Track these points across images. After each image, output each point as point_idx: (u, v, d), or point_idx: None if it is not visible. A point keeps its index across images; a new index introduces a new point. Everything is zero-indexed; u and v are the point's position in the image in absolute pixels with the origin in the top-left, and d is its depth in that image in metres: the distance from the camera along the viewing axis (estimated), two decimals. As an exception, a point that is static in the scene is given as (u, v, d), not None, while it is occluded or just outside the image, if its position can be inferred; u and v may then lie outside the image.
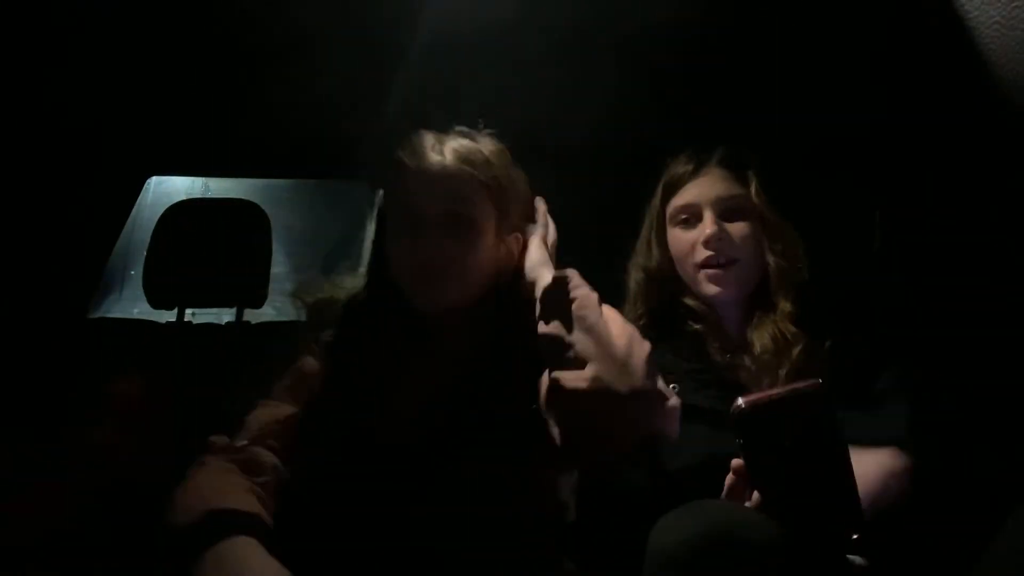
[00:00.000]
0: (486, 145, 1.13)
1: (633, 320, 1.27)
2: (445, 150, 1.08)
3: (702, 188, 1.25)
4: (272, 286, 1.76)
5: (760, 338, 1.16)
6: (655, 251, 1.31)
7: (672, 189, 1.30)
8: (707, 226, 1.22)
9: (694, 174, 1.27)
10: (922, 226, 1.47)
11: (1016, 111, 0.94)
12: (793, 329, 1.15)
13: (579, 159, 1.92)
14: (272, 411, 1.10)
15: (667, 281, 1.29)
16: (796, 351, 1.13)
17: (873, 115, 1.49)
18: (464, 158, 1.08)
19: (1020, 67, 0.88)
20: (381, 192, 1.24)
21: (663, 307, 1.28)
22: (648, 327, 1.26)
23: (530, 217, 1.17)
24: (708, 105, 1.64)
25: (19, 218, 1.58)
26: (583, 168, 1.98)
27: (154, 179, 2.28)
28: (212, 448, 1.05)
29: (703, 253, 1.22)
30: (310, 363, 1.15)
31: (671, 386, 1.15)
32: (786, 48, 1.42)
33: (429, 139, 1.11)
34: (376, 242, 1.23)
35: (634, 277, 1.33)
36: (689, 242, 1.25)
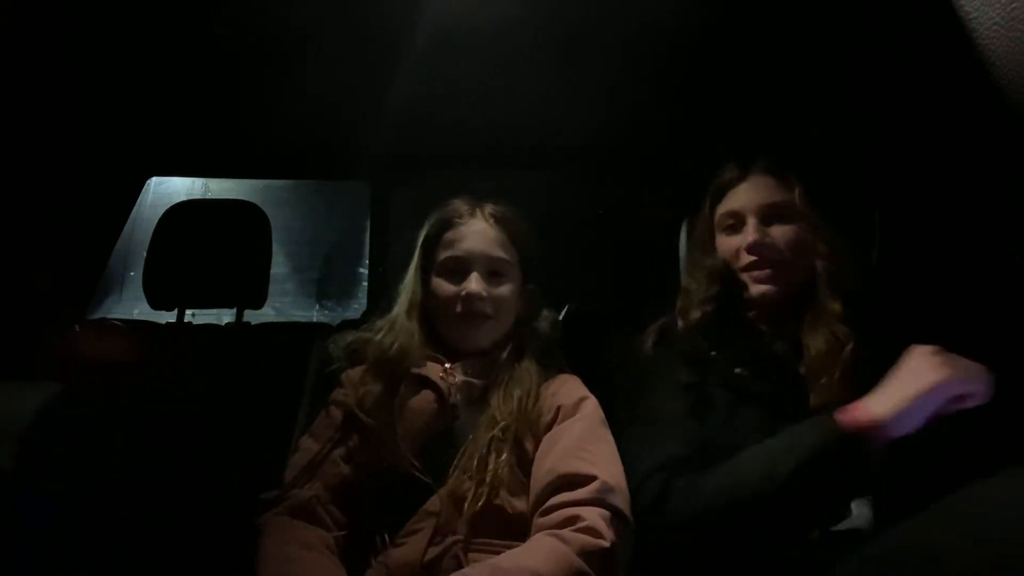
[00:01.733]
0: (508, 210, 1.36)
1: (698, 306, 1.29)
2: (485, 211, 1.34)
3: (746, 194, 1.28)
4: (272, 287, 1.76)
5: (814, 342, 1.19)
6: (708, 254, 1.34)
7: (719, 195, 1.33)
8: (750, 233, 1.25)
9: (739, 180, 1.30)
10: (922, 228, 1.47)
11: (1015, 112, 0.94)
12: (845, 329, 1.17)
13: (577, 159, 1.93)
14: (307, 453, 1.20)
15: (725, 279, 1.31)
16: (848, 351, 1.15)
17: (872, 116, 1.49)
18: (498, 217, 1.33)
19: (1019, 68, 0.88)
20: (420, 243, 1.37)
21: (723, 301, 1.30)
22: (710, 317, 1.28)
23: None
24: (706, 106, 1.65)
25: (19, 218, 1.58)
26: (580, 167, 1.99)
27: (154, 180, 2.28)
28: (266, 505, 1.14)
29: (747, 258, 1.25)
30: (339, 396, 1.25)
31: (736, 370, 1.21)
32: (784, 49, 1.42)
33: (468, 202, 1.35)
34: (410, 292, 1.35)
35: (693, 276, 1.35)
36: (734, 247, 1.28)
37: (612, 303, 1.43)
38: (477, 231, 1.31)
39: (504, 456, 1.12)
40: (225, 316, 1.79)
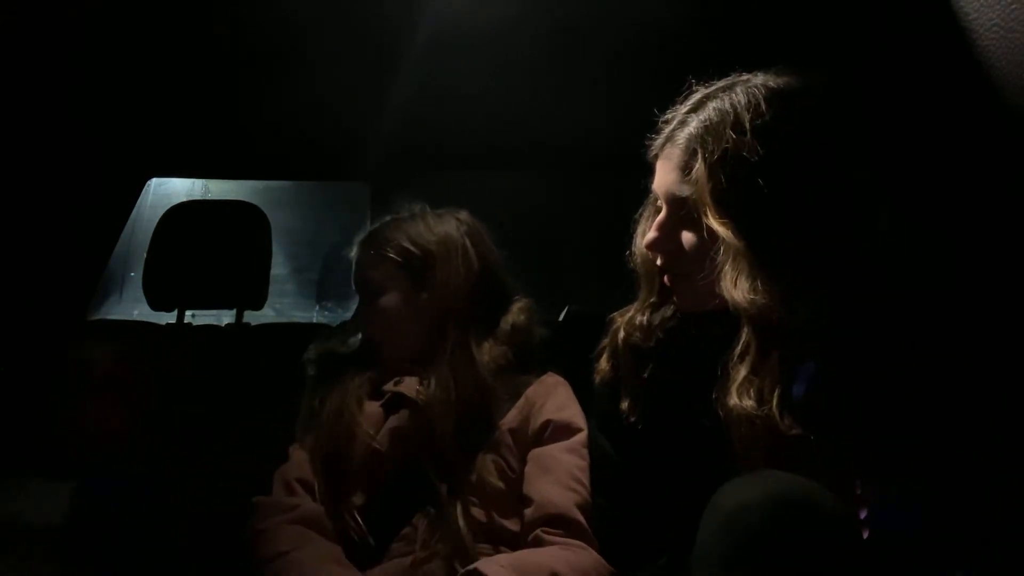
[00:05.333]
0: (413, 226, 1.28)
1: (639, 309, 1.09)
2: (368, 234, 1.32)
3: (659, 168, 1.02)
4: (272, 287, 1.76)
5: (729, 399, 0.88)
6: None
7: None
8: (654, 227, 1.00)
9: (666, 141, 1.02)
10: (921, 229, 1.47)
11: (1015, 114, 0.94)
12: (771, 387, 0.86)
13: (577, 159, 1.93)
14: (296, 461, 1.20)
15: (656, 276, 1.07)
16: (771, 415, 0.85)
17: (871, 117, 1.49)
18: (375, 238, 1.29)
19: (1019, 69, 0.88)
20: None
21: (660, 308, 1.08)
22: (647, 327, 1.06)
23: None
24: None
25: (19, 220, 1.58)
26: (580, 167, 1.99)
27: (154, 181, 2.28)
28: (263, 509, 1.11)
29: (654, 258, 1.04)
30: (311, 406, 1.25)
31: (668, 441, 0.99)
32: (783, 50, 1.41)
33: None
34: None
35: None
36: (644, 243, 1.04)
37: (612, 303, 1.42)
38: (357, 256, 1.30)
39: (493, 474, 1.11)
40: (225, 317, 1.79)
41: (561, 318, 1.63)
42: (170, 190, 3.45)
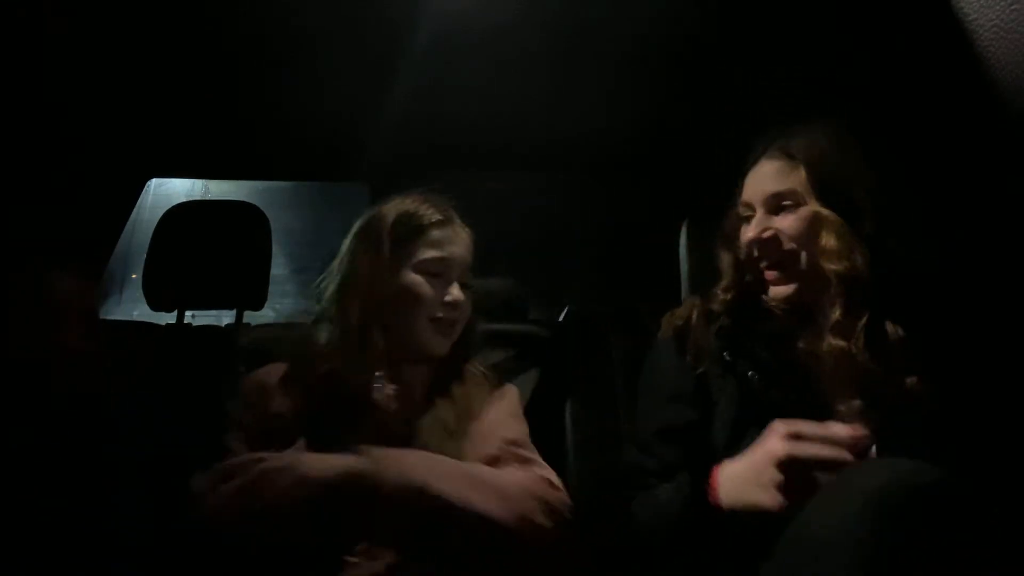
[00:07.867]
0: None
1: (719, 299, 1.22)
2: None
3: (753, 182, 1.20)
4: (272, 288, 1.76)
5: (825, 353, 1.10)
6: (733, 248, 1.25)
7: (742, 183, 1.24)
8: (751, 227, 1.18)
9: (752, 166, 1.22)
10: (920, 229, 1.47)
11: (1014, 113, 0.94)
12: (847, 339, 1.08)
13: (577, 159, 1.93)
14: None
15: (746, 273, 1.22)
16: (860, 363, 1.08)
17: (871, 118, 1.49)
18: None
19: (1018, 69, 0.88)
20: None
21: (743, 299, 1.21)
22: (726, 313, 1.20)
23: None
24: (706, 106, 1.65)
25: (19, 220, 1.58)
26: (581, 168, 2.00)
27: (154, 181, 2.28)
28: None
29: (753, 253, 1.18)
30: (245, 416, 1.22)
31: (750, 373, 1.13)
32: (783, 52, 1.42)
33: (439, 204, 1.27)
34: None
35: (722, 269, 1.26)
36: (745, 241, 1.20)
37: (612, 303, 1.42)
38: (462, 237, 1.23)
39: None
40: (225, 317, 1.79)
41: (561, 318, 1.63)
42: (170, 190, 3.46)
